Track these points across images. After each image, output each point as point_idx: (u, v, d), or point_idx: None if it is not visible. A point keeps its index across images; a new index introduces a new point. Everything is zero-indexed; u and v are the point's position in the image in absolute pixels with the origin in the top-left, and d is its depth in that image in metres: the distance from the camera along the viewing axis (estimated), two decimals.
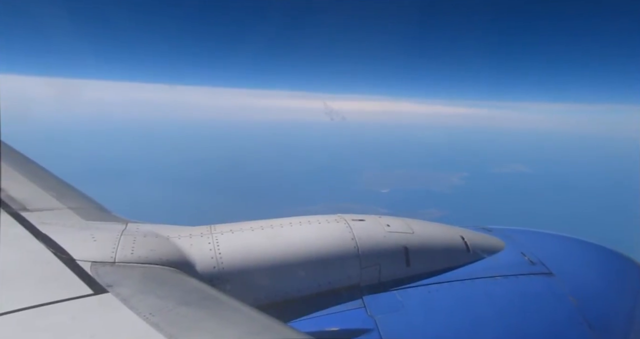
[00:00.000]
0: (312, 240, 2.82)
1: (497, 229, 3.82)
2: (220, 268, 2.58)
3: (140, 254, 2.39)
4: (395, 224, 3.13)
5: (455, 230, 3.42)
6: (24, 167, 3.91)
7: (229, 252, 2.64)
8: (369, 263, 2.86)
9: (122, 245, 2.41)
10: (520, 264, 3.29)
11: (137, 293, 1.94)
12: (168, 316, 1.77)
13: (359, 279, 2.84)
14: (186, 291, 2.19)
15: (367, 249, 2.87)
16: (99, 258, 2.25)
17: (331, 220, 3.01)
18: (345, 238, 2.87)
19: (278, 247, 2.74)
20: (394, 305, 2.82)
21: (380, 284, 2.89)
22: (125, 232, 2.58)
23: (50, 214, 2.87)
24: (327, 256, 2.79)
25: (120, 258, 2.32)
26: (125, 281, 2.07)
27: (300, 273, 2.73)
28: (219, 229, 2.83)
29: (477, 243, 3.35)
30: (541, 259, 3.36)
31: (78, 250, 2.26)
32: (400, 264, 2.96)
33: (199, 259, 2.57)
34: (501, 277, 3.13)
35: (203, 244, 2.66)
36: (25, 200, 2.99)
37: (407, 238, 3.04)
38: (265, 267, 2.66)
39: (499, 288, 3.08)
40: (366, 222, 3.06)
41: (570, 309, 3.06)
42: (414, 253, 3.00)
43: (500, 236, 3.61)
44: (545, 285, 3.17)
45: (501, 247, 3.45)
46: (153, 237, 2.61)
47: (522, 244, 3.54)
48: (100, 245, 2.38)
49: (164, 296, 2.01)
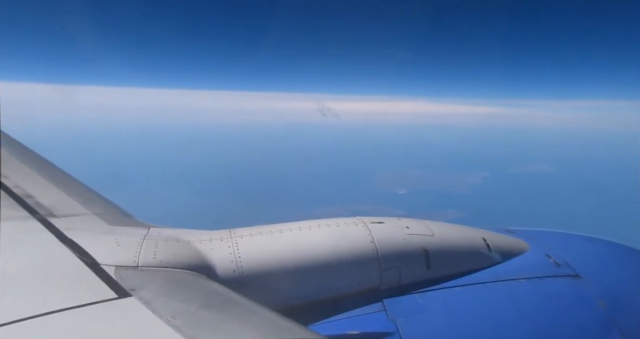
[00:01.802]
0: (331, 243, 2.81)
1: (520, 230, 3.74)
2: (240, 271, 2.60)
3: (162, 259, 2.43)
4: (415, 226, 3.09)
5: (477, 232, 3.36)
6: (50, 174, 4.05)
7: (248, 256, 2.66)
8: (389, 265, 2.84)
9: (144, 250, 2.46)
10: (545, 266, 3.20)
11: (159, 297, 1.97)
12: (190, 319, 1.79)
13: (379, 282, 2.82)
14: (207, 294, 2.21)
15: (386, 251, 2.85)
16: (122, 263, 2.30)
17: (350, 223, 2.99)
18: (364, 241, 2.86)
19: (297, 250, 2.74)
20: (415, 308, 2.78)
21: (400, 287, 2.86)
22: (147, 237, 2.63)
23: (76, 219, 2.95)
24: (346, 259, 2.78)
25: (143, 262, 2.37)
26: (148, 284, 2.11)
27: (320, 276, 2.72)
28: (239, 233, 2.85)
29: (500, 245, 3.27)
30: (567, 261, 3.25)
31: (102, 255, 2.32)
32: (420, 267, 2.92)
33: (219, 263, 2.60)
34: (525, 279, 3.05)
35: (223, 248, 2.69)
36: (52, 206, 3.09)
37: (427, 240, 3.00)
38: (285, 270, 2.67)
39: (523, 291, 3.00)
40: (385, 224, 3.03)
41: (600, 313, 2.95)
42: (434, 255, 2.95)
43: (523, 238, 3.53)
44: (572, 288, 3.07)
45: (524, 249, 3.37)
46: (174, 241, 2.65)
47: (546, 245, 3.45)
48: (123, 250, 2.44)
49: (186, 299, 2.04)
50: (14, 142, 4.98)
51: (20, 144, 4.96)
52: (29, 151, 4.84)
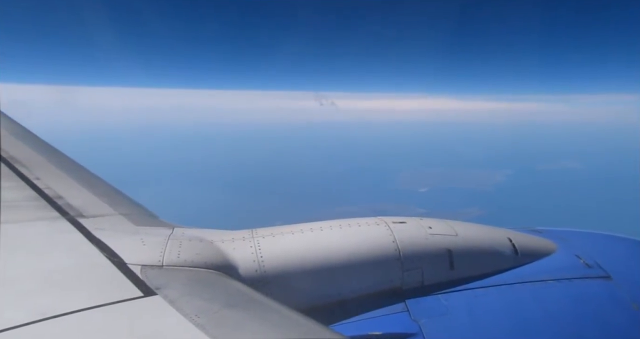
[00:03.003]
0: (352, 243, 2.80)
1: (548, 230, 3.64)
2: (262, 271, 2.62)
3: (186, 258, 2.47)
4: (438, 226, 3.04)
5: (502, 232, 3.28)
6: (79, 175, 4.19)
7: (270, 256, 2.67)
8: (411, 266, 2.80)
9: (169, 249, 2.50)
10: (575, 267, 3.10)
11: (183, 295, 2.00)
12: (213, 318, 1.81)
13: (401, 283, 2.79)
14: (230, 293, 2.24)
15: (408, 252, 2.81)
16: (148, 262, 2.35)
17: (371, 223, 2.97)
18: (386, 241, 2.83)
19: (319, 250, 2.74)
20: (439, 309, 2.73)
21: (423, 287, 2.82)
22: (172, 237, 2.68)
23: (103, 220, 3.03)
24: (368, 259, 2.76)
25: (168, 261, 2.41)
26: (172, 283, 2.14)
27: (341, 276, 2.71)
28: (260, 233, 2.87)
29: (526, 245, 3.18)
30: (598, 262, 3.14)
31: (129, 254, 2.38)
32: (443, 268, 2.87)
33: (242, 263, 2.62)
34: (553, 281, 2.96)
35: (245, 248, 2.71)
36: (81, 207, 3.19)
37: (451, 240, 2.95)
38: (307, 270, 2.67)
39: (552, 293, 2.91)
40: (407, 224, 3.00)
41: (633, 316, 2.84)
42: (458, 256, 2.90)
43: (551, 238, 3.43)
44: (604, 290, 2.96)
45: (553, 250, 3.27)
46: (198, 241, 2.68)
47: (576, 246, 3.34)
48: (149, 249, 2.49)
49: (209, 298, 2.07)
50: (45, 144, 5.20)
51: (50, 146, 5.17)
52: (59, 152, 5.03)
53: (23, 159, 4.20)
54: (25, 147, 4.69)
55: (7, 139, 4.86)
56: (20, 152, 4.41)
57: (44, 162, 4.25)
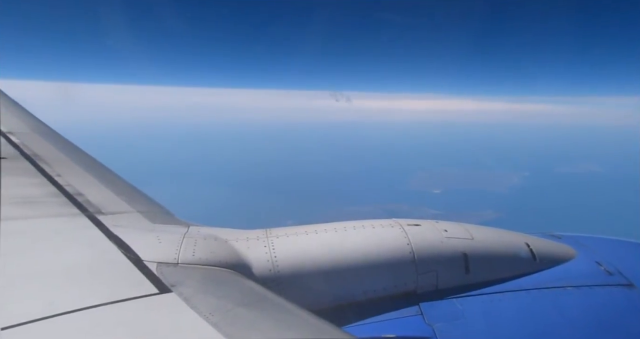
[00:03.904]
0: (366, 245, 2.78)
1: (568, 236, 3.55)
2: (275, 271, 2.62)
3: (201, 256, 2.49)
4: (454, 229, 3.01)
5: (520, 236, 3.22)
6: (99, 172, 4.30)
7: (284, 256, 2.68)
8: (426, 269, 2.77)
9: (184, 247, 2.53)
10: (596, 274, 3.02)
11: (198, 293, 2.02)
12: (227, 316, 1.82)
13: (416, 286, 2.76)
14: (243, 292, 2.25)
15: (423, 254, 2.79)
16: (163, 259, 2.38)
17: (386, 225, 2.95)
18: (401, 243, 2.81)
19: (333, 251, 2.73)
20: (454, 314, 2.70)
21: (438, 291, 2.79)
22: (187, 235, 2.70)
23: (121, 217, 3.09)
24: (382, 261, 2.74)
25: (183, 259, 2.43)
26: (187, 281, 2.16)
27: (355, 278, 2.70)
28: (275, 233, 2.87)
29: (545, 251, 3.12)
30: (620, 269, 3.06)
31: (145, 251, 2.41)
32: (459, 271, 2.84)
33: (255, 262, 2.63)
34: (573, 287, 2.89)
35: (259, 248, 2.72)
36: (100, 204, 3.26)
37: (467, 244, 2.91)
38: (320, 271, 2.67)
39: (570, 300, 2.84)
40: (422, 227, 2.97)
41: None
42: (474, 260, 2.86)
43: (571, 244, 3.35)
44: (625, 298, 2.88)
45: (572, 256, 3.19)
46: (212, 240, 2.71)
47: (597, 252, 3.25)
48: (164, 247, 2.52)
49: (223, 296, 2.08)
50: (66, 142, 5.34)
51: (71, 144, 5.30)
52: (79, 150, 5.16)
53: (46, 156, 4.33)
54: (47, 144, 4.83)
55: (30, 136, 5.01)
56: (42, 149, 4.54)
57: (65, 160, 4.37)
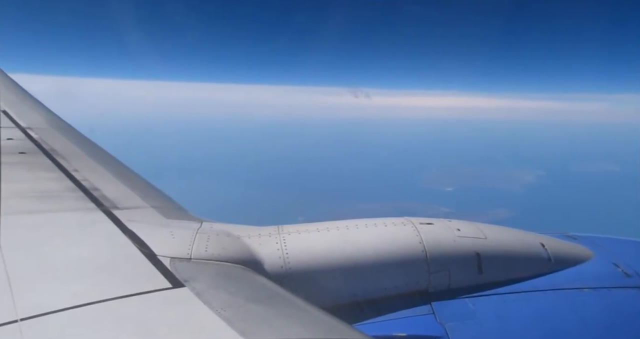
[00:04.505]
0: (378, 243, 2.78)
1: (584, 236, 3.48)
2: (287, 267, 2.64)
3: (214, 252, 2.52)
4: (467, 228, 2.98)
5: (534, 236, 3.17)
6: (114, 168, 4.37)
7: (295, 253, 2.69)
8: (438, 268, 2.76)
9: (197, 243, 2.56)
10: (613, 275, 2.97)
11: (210, 289, 2.04)
12: (238, 311, 1.84)
13: (427, 285, 2.75)
14: (255, 288, 2.26)
15: (435, 253, 2.77)
16: (177, 254, 2.41)
17: (398, 223, 2.94)
18: (413, 242, 2.79)
19: (344, 249, 2.73)
20: (466, 313, 2.68)
21: (450, 290, 2.77)
22: (200, 231, 2.73)
23: (136, 212, 3.13)
24: (393, 259, 2.73)
25: (196, 254, 2.46)
26: (200, 276, 2.19)
27: (366, 276, 2.70)
28: (287, 229, 2.89)
29: (560, 251, 3.07)
30: (638, 271, 3.00)
31: (159, 246, 2.45)
32: (471, 271, 2.81)
33: (267, 259, 2.65)
34: (589, 289, 2.85)
35: (271, 244, 2.73)
36: (116, 199, 3.31)
37: (480, 244, 2.88)
38: (332, 269, 2.67)
39: (586, 301, 2.79)
40: (435, 225, 2.95)
41: None
42: (487, 260, 2.83)
43: (587, 245, 3.28)
44: None
45: (588, 257, 3.13)
46: (225, 236, 2.73)
47: (614, 253, 3.19)
48: (178, 242, 2.55)
49: (235, 292, 2.10)
50: (83, 138, 5.44)
51: (87, 139, 5.41)
52: (96, 145, 5.26)
53: (63, 151, 4.42)
54: (64, 140, 4.93)
55: (48, 132, 5.12)
56: (60, 145, 4.64)
57: (81, 155, 4.45)
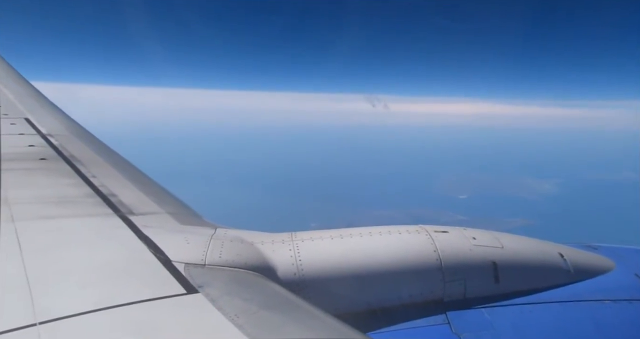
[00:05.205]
0: (392, 251, 2.75)
1: (605, 247, 3.39)
2: (300, 274, 2.63)
3: (227, 258, 2.54)
4: (483, 237, 2.94)
5: (553, 246, 3.10)
6: (131, 174, 4.45)
7: (309, 260, 2.68)
8: (453, 277, 2.71)
9: (211, 249, 2.58)
10: (635, 287, 2.90)
11: (224, 295, 2.05)
12: (252, 318, 1.83)
13: (442, 294, 2.71)
14: (269, 295, 2.26)
15: (450, 262, 2.73)
16: (191, 260, 2.43)
17: (412, 231, 2.91)
18: (427, 250, 2.76)
19: (358, 257, 2.72)
20: (482, 324, 2.62)
21: (465, 300, 2.73)
22: (214, 237, 2.75)
23: (151, 218, 3.17)
24: (408, 268, 2.70)
25: (210, 260, 2.48)
26: (213, 282, 2.20)
27: (380, 284, 2.68)
28: (300, 236, 2.89)
29: (580, 262, 2.99)
30: None
31: (173, 252, 2.47)
32: (488, 281, 2.76)
33: (280, 266, 2.65)
34: (610, 301, 2.77)
35: (284, 251, 2.74)
36: (132, 205, 3.37)
37: (496, 253, 2.83)
38: (345, 276, 2.65)
39: (607, 314, 2.71)
40: (450, 234, 2.91)
41: None
42: (504, 269, 2.78)
43: (608, 255, 3.20)
44: None
45: (610, 268, 3.06)
46: (239, 242, 2.74)
47: (637, 264, 3.11)
48: (192, 248, 2.57)
49: (249, 299, 2.10)
50: (99, 143, 5.58)
51: (105, 146, 5.54)
52: (113, 152, 5.38)
53: (82, 158, 4.53)
54: (84, 146, 5.06)
55: (68, 138, 5.27)
56: (79, 151, 4.76)
57: (99, 161, 4.56)
